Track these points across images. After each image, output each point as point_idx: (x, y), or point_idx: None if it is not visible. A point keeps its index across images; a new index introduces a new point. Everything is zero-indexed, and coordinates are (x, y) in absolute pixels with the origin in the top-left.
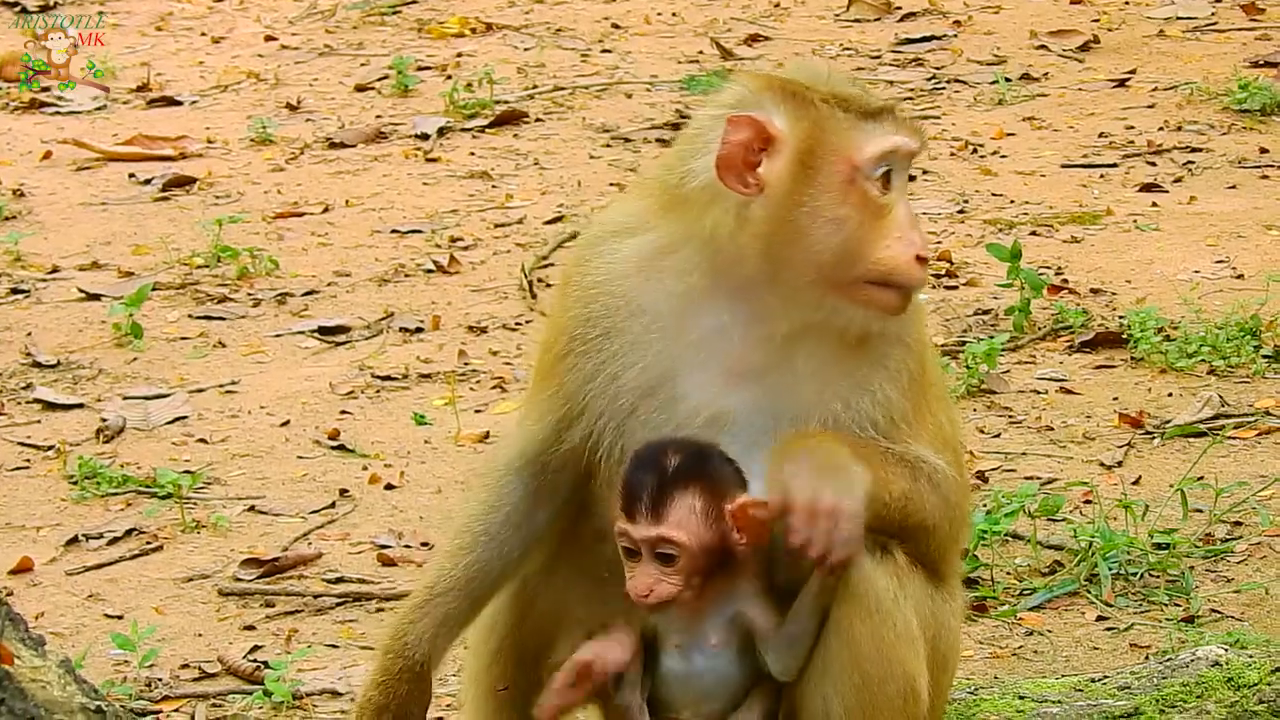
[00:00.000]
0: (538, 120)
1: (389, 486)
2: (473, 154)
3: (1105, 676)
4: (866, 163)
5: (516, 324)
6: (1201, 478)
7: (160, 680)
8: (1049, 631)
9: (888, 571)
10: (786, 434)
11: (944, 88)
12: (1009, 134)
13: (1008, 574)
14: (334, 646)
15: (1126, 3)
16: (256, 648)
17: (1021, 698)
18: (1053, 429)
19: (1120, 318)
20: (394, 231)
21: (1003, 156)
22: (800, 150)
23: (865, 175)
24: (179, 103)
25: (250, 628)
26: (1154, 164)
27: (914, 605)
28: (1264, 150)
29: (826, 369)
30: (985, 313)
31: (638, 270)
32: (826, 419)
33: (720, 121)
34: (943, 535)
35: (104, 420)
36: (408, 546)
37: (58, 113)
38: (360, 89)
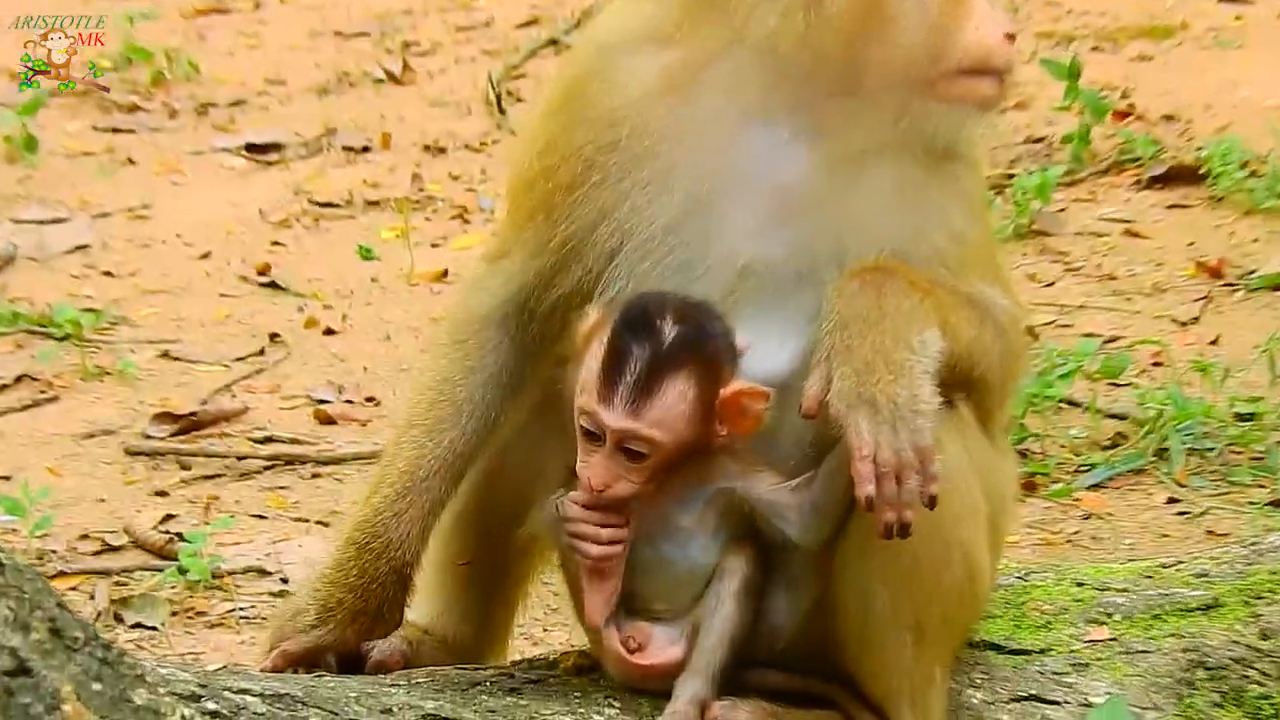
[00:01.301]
0: None
1: (328, 331)
2: None
3: (1180, 562)
4: None
5: (481, 143)
6: None
7: (54, 553)
8: (1110, 515)
9: (953, 431)
10: (850, 267)
11: None
12: None
13: (1062, 447)
14: (261, 517)
15: None
16: (169, 517)
17: (1080, 584)
18: (1116, 278)
19: (1197, 149)
20: (337, 33)
21: None
22: None
23: None
24: None
25: (162, 494)
26: None
27: (978, 471)
28: None
29: (896, 196)
30: (1038, 141)
31: (670, 87)
32: (892, 256)
33: None
34: (1000, 387)
35: None
36: (349, 402)
37: None
38: None
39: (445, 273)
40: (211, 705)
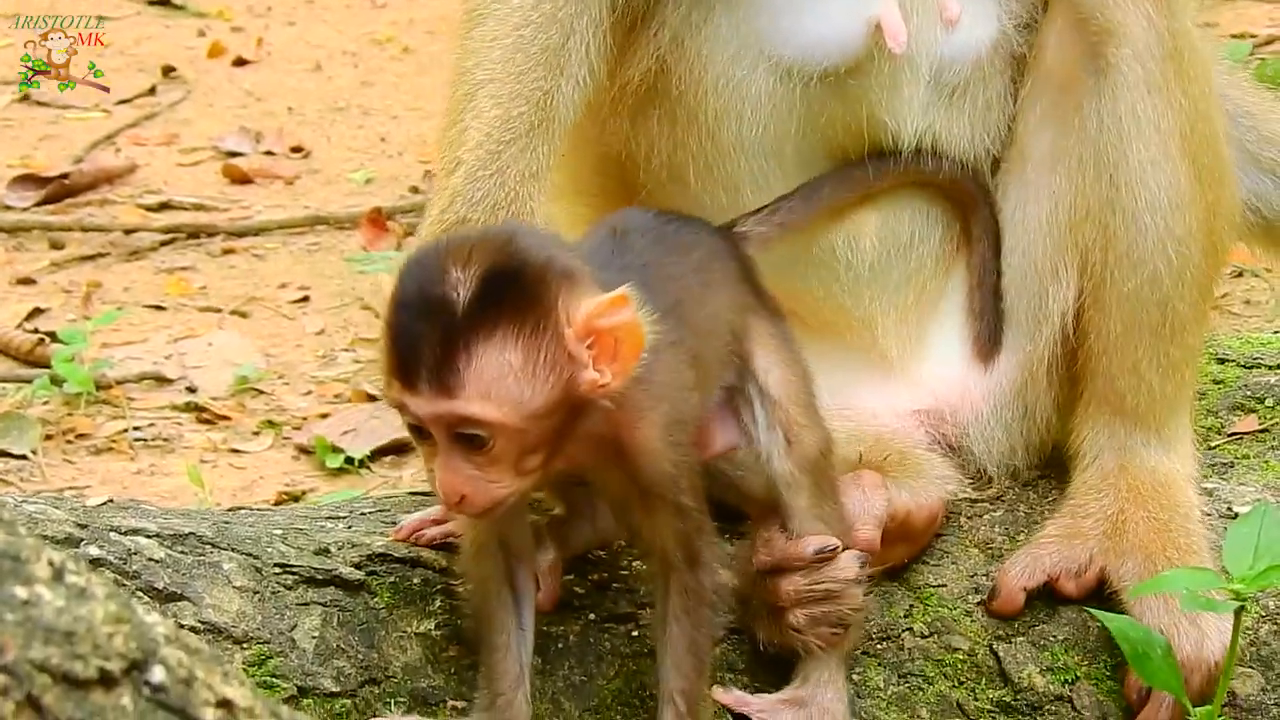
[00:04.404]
0: None
1: (240, 61)
2: None
3: None
4: None
5: None
6: None
7: None
8: (1268, 271)
9: None
10: None
11: None
12: None
13: None
14: (158, 308)
15: None
16: (38, 311)
17: (1223, 361)
18: None
19: None
20: None
21: None
22: None
23: None
24: None
25: (27, 281)
26: None
27: None
28: None
29: None
30: None
31: None
32: None
33: None
34: None
35: None
36: (269, 154)
37: None
38: None
39: None
40: (94, 550)
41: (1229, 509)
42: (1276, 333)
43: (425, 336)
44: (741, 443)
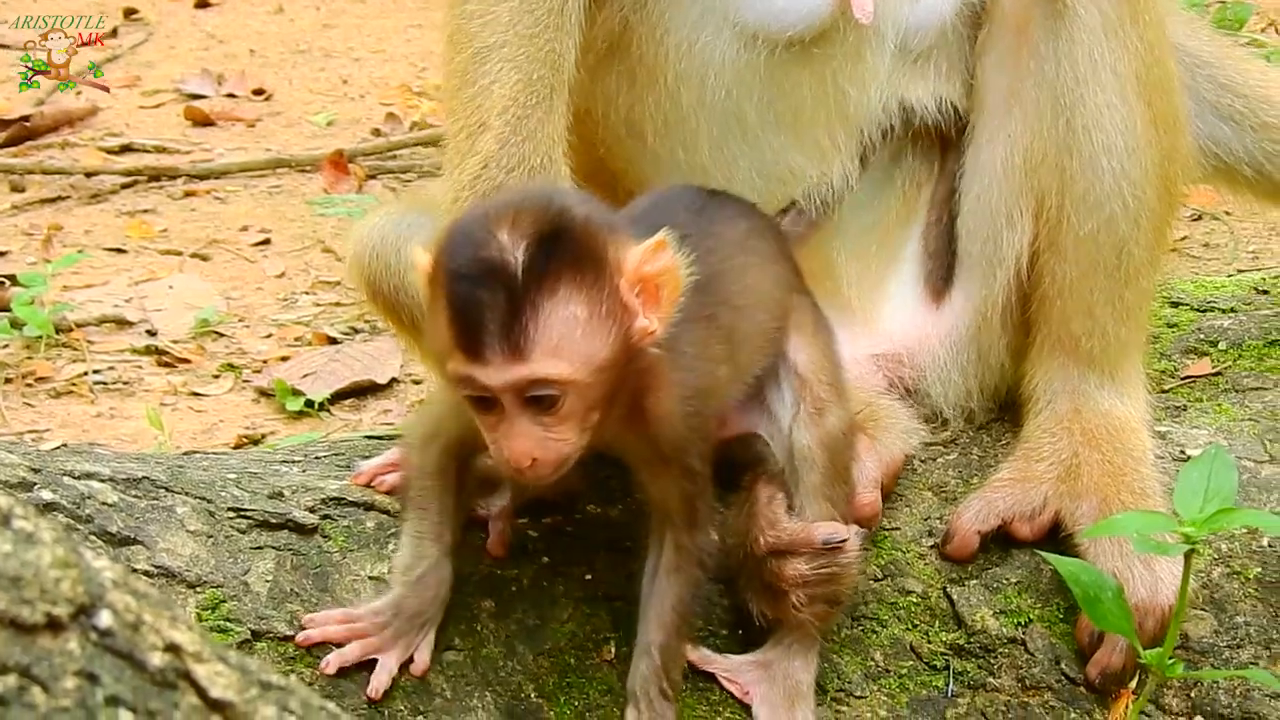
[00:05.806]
0: None
1: (202, 3)
2: None
3: None
4: None
5: None
6: None
7: None
8: (1227, 214)
9: None
10: None
11: None
12: None
13: None
14: (119, 251)
15: None
16: None
17: (1176, 304)
18: None
19: None
20: None
21: None
22: None
23: None
24: None
25: None
26: None
27: None
28: None
29: None
30: None
31: None
32: None
33: None
34: None
35: None
36: (232, 96)
37: None
38: None
39: None
40: (47, 495)
41: (1182, 452)
42: (1230, 276)
43: (489, 304)
44: (761, 426)
